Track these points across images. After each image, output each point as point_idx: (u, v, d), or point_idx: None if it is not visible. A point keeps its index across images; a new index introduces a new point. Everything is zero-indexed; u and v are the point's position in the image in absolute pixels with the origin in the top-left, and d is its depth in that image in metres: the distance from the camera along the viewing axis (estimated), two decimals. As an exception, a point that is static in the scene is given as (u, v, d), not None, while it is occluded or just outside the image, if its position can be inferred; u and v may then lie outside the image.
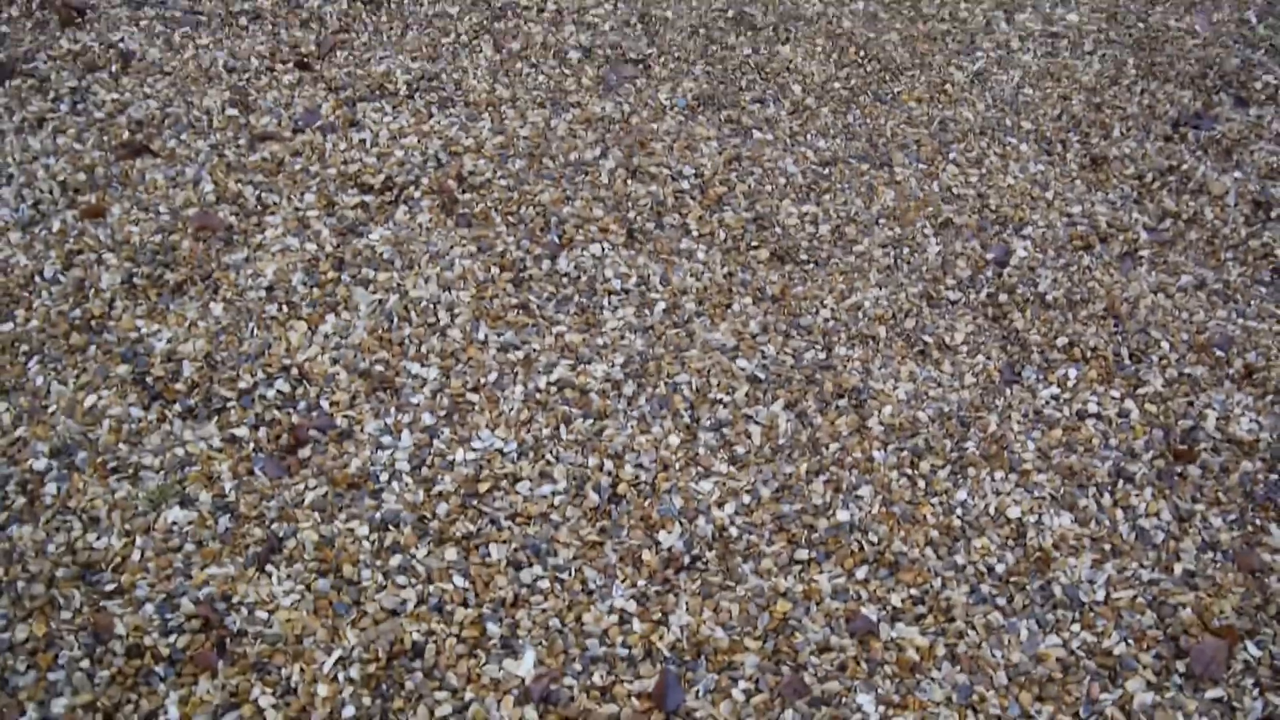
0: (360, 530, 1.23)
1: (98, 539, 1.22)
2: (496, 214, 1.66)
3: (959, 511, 1.31)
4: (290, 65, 1.92)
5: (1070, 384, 1.51)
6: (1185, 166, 1.82)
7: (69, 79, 1.90)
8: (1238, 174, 1.83)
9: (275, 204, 1.68)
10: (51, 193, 1.70)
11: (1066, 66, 2.00)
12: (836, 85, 1.93)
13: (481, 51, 1.95)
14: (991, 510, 1.32)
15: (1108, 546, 1.29)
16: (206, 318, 1.49)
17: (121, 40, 1.98)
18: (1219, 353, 1.56)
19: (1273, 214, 1.76)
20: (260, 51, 1.94)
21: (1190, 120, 1.91)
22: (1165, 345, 1.56)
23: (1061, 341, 1.56)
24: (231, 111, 1.83)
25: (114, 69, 1.93)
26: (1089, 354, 1.55)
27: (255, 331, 1.47)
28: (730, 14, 2.05)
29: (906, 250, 1.67)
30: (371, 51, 1.96)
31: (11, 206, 1.68)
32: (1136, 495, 1.35)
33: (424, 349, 1.46)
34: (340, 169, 1.73)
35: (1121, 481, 1.37)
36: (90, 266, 1.57)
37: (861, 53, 1.99)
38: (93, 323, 1.49)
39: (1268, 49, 2.07)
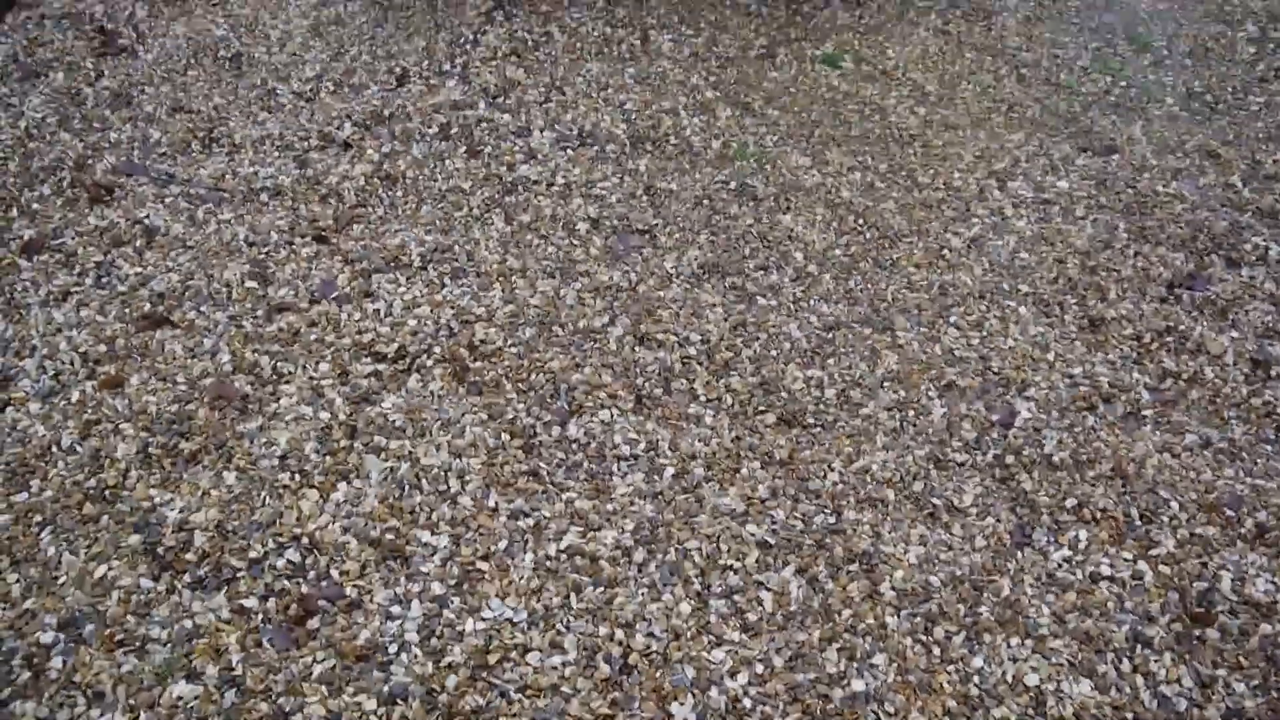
0: (368, 705, 1.21)
1: (101, 715, 1.20)
2: (507, 381, 1.69)
3: (976, 679, 1.29)
4: (309, 238, 1.99)
5: (1082, 546, 1.50)
6: (1182, 327, 1.86)
7: (95, 254, 1.97)
8: (1234, 333, 1.86)
9: (290, 373, 1.71)
10: (72, 364, 1.74)
11: (1060, 232, 2.06)
12: (837, 252, 1.99)
13: (493, 224, 2.02)
14: (1009, 678, 1.29)
15: (1130, 715, 1.26)
16: (219, 486, 1.51)
17: (147, 216, 2.05)
18: (1229, 512, 1.56)
19: (1272, 372, 1.79)
20: (280, 226, 2.01)
21: (1184, 282, 1.96)
22: (1175, 505, 1.56)
23: (1070, 503, 1.56)
24: (250, 284, 1.89)
25: (139, 244, 1.99)
26: (1099, 515, 1.54)
27: (267, 500, 1.48)
28: (732, 185, 2.13)
29: (912, 413, 1.69)
30: (387, 225, 2.03)
31: (33, 378, 1.72)
32: (1156, 660, 1.33)
33: (434, 517, 1.47)
34: (354, 338, 1.77)
35: (1140, 646, 1.35)
36: (107, 436, 1.59)
37: (860, 221, 2.06)
38: (107, 492, 1.51)
39: (1254, 212, 2.13)
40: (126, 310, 1.84)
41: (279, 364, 1.73)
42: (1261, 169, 2.24)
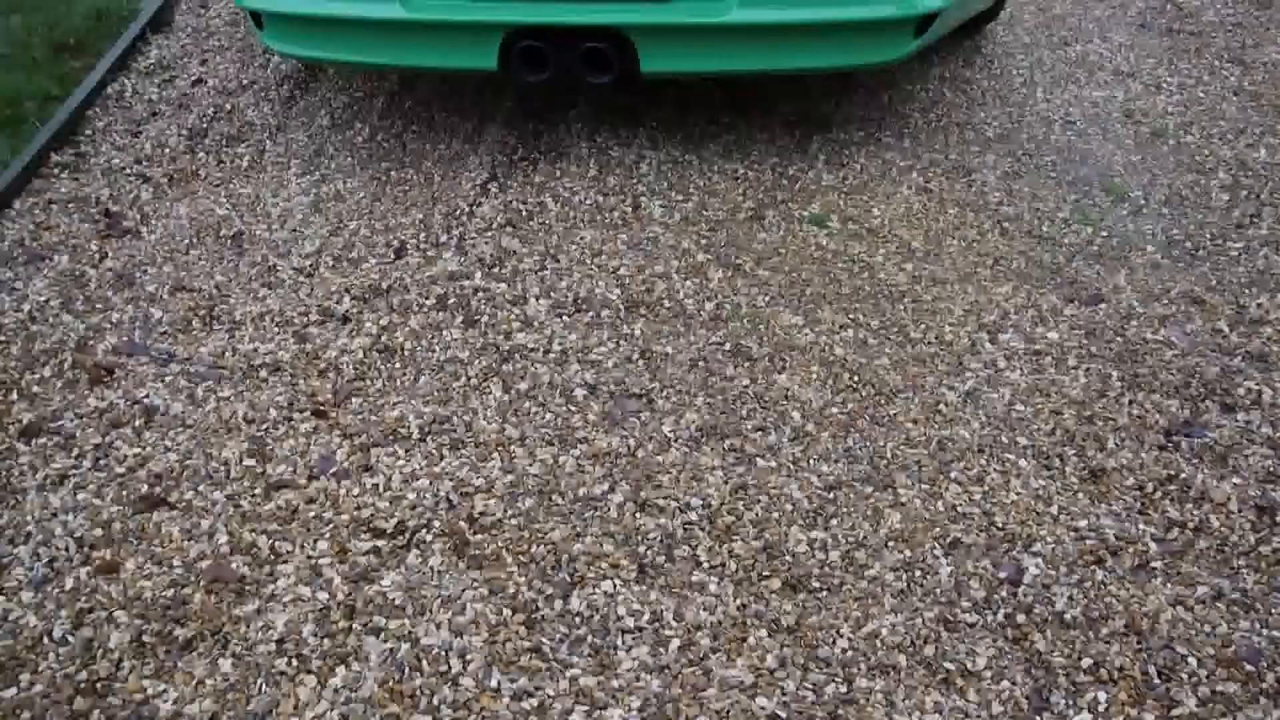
0: None
1: None
2: (508, 554, 1.67)
3: None
4: (307, 413, 2.00)
5: (1102, 708, 1.46)
6: (1184, 475, 1.85)
7: (93, 435, 1.97)
8: (1236, 480, 1.85)
9: (288, 552, 1.69)
10: (67, 549, 1.72)
11: (1054, 383, 2.08)
12: (834, 410, 2.00)
13: (491, 393, 2.03)
14: None
15: None
16: (215, 675, 1.47)
17: (146, 396, 2.06)
18: (1249, 667, 1.52)
19: (1278, 519, 1.77)
20: (279, 402, 2.02)
21: (1181, 429, 1.96)
22: (1193, 662, 1.53)
23: (1086, 662, 1.52)
24: (249, 461, 1.88)
25: (137, 424, 2.00)
26: (1116, 675, 1.51)
27: (264, 688, 1.45)
28: (727, 347, 2.15)
29: (918, 573, 1.66)
30: (385, 397, 2.04)
31: (26, 565, 1.70)
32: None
33: (435, 700, 1.43)
34: (353, 514, 1.75)
35: (1171, 818, 1.30)
36: (100, 625, 1.56)
37: (855, 378, 2.07)
38: (98, 685, 1.47)
39: (1244, 356, 2.15)
40: (124, 492, 1.83)
41: (277, 543, 1.71)
42: (1247, 313, 2.27)
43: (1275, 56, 3.40)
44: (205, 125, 3.10)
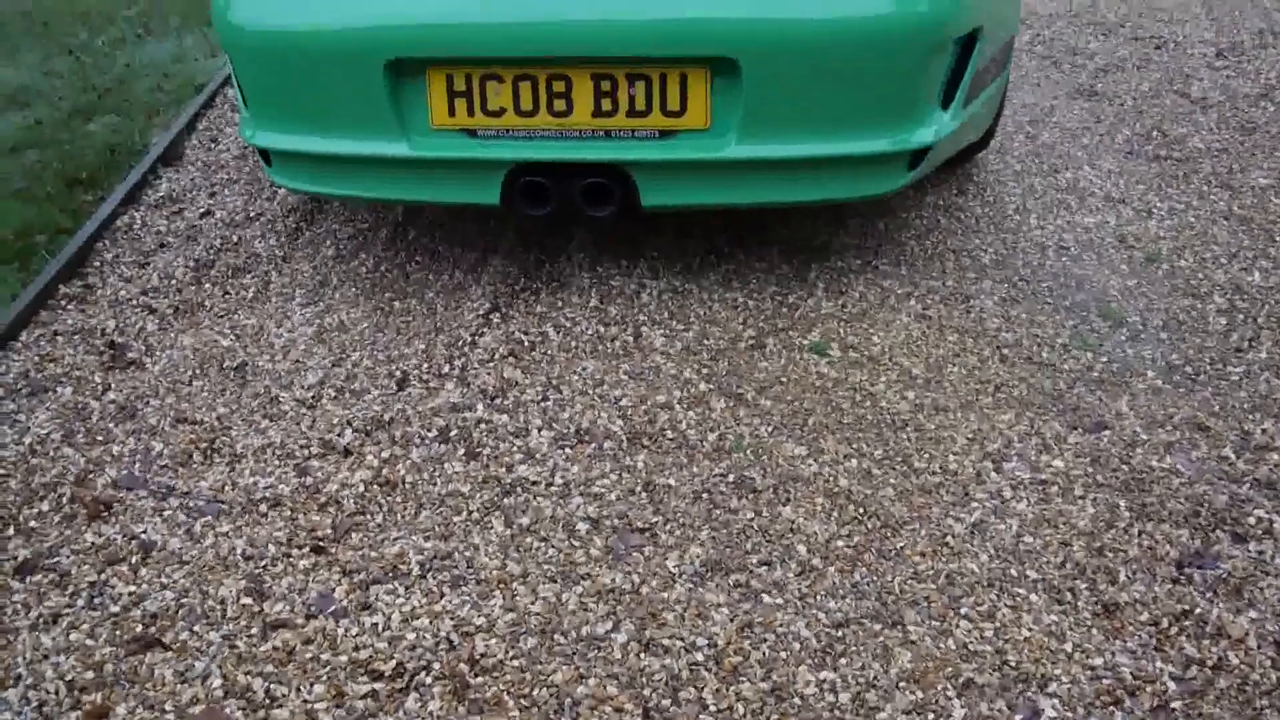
0: None
1: None
2: (509, 697, 1.63)
3: None
4: (306, 550, 1.97)
5: None
6: (1199, 609, 1.82)
7: (89, 573, 1.94)
8: (1253, 614, 1.82)
9: (284, 696, 1.65)
10: (57, 693, 1.68)
11: (1061, 513, 2.06)
12: (840, 543, 1.97)
13: (493, 528, 2.01)
14: None
15: None
16: (204, 832, 1.42)
17: (144, 531, 2.04)
18: (1279, 815, 1.46)
19: (1298, 654, 1.73)
20: (278, 538, 2.00)
21: (1192, 560, 1.94)
22: (1220, 810, 1.47)
23: (1109, 812, 1.47)
24: (246, 600, 1.85)
25: (134, 560, 1.97)
26: (1141, 825, 1.45)
27: (255, 847, 1.39)
28: (731, 479, 2.14)
29: (931, 715, 1.62)
30: (386, 532, 2.01)
31: (15, 710, 1.65)
32: None
33: None
34: (351, 655, 1.72)
35: None
36: (88, 778, 1.51)
37: (861, 510, 2.05)
38: (83, 844, 1.41)
39: (1252, 483, 2.14)
40: (117, 632, 1.80)
41: (272, 686, 1.67)
42: (1252, 439, 2.27)
43: (1262, 181, 3.47)
44: (212, 257, 3.14)
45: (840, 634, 1.77)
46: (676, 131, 2.45)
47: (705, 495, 2.10)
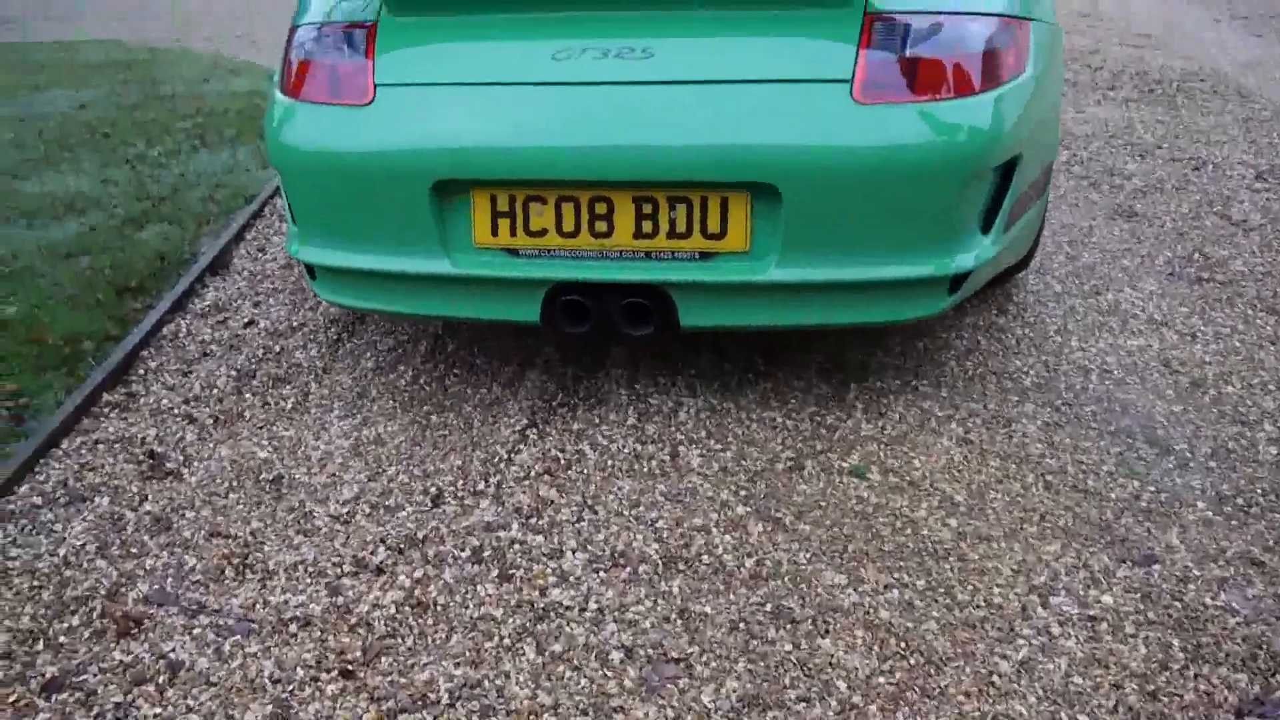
0: None
1: None
2: (537, 841, 1.57)
3: None
4: (335, 674, 1.94)
5: None
6: (1260, 762, 1.73)
7: (115, 693, 1.92)
8: (1318, 768, 1.73)
9: (305, 833, 1.60)
10: (76, 823, 1.64)
11: (1112, 652, 1.98)
12: (881, 680, 1.91)
13: (524, 655, 1.97)
14: None
15: None
16: None
17: (173, 650, 2.02)
18: None
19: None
20: (306, 660, 1.97)
21: (1252, 708, 1.86)
22: None
23: None
24: (271, 727, 1.81)
25: (161, 680, 1.95)
26: None
27: None
28: (768, 608, 2.09)
29: None
30: (416, 657, 1.98)
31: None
32: None
33: None
34: (376, 790, 1.67)
35: None
36: None
37: (903, 644, 2.00)
38: None
39: (1312, 624, 2.06)
40: (140, 759, 1.76)
41: (294, 822, 1.62)
42: (1310, 584, 2.19)
43: (1309, 307, 3.43)
44: (254, 366, 3.17)
45: (883, 780, 1.70)
46: (716, 254, 2.47)
47: (742, 625, 2.05)
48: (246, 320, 3.49)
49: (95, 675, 1.97)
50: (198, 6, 12.42)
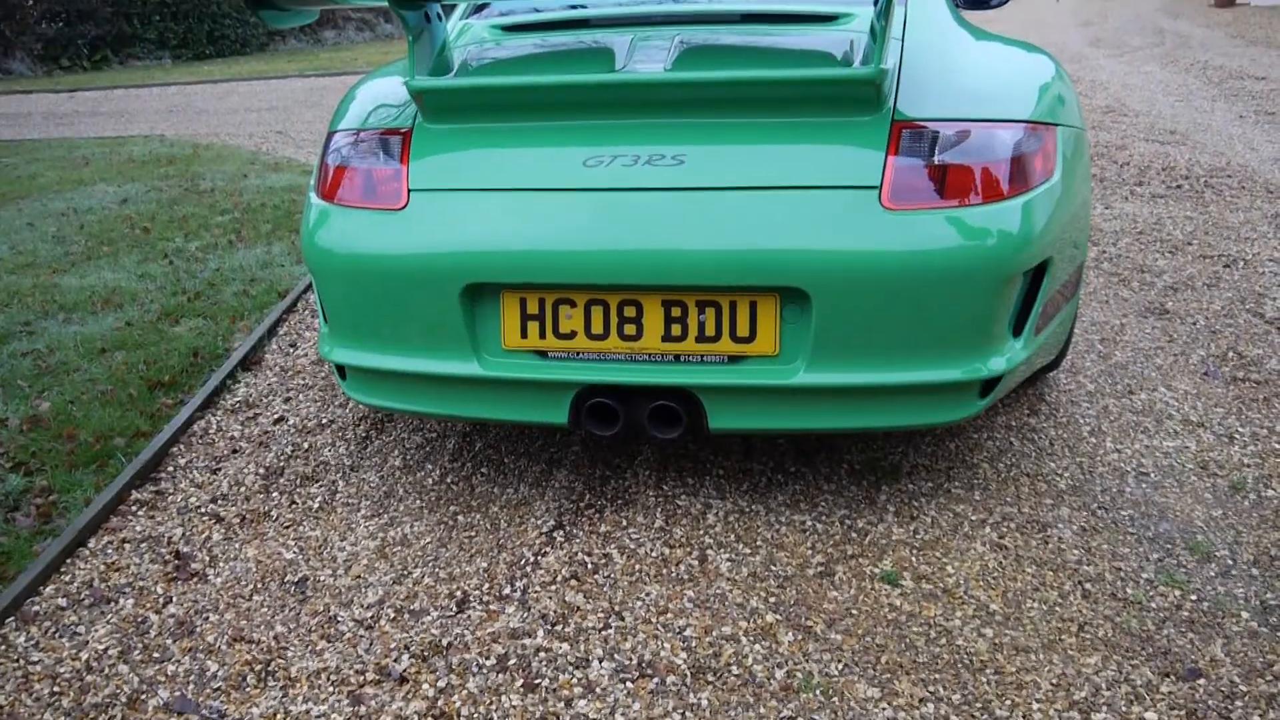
0: None
1: None
2: None
3: None
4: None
5: None
6: None
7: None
8: None
9: None
10: None
11: (1158, 775, 1.91)
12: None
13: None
14: None
15: None
16: None
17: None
18: None
19: None
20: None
21: (1309, 837, 1.77)
22: None
23: None
24: (289, 845, 1.77)
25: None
26: None
27: None
28: (800, 723, 2.03)
29: None
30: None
31: None
32: None
33: None
34: None
35: None
36: None
37: (939, 764, 1.93)
38: None
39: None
40: None
41: None
42: (1363, 695, 2.11)
43: (1348, 408, 3.37)
44: (282, 464, 3.18)
45: None
46: (745, 357, 2.46)
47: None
48: (276, 417, 3.51)
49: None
50: (239, 103, 12.81)
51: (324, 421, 3.46)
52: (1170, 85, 10.47)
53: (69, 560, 2.69)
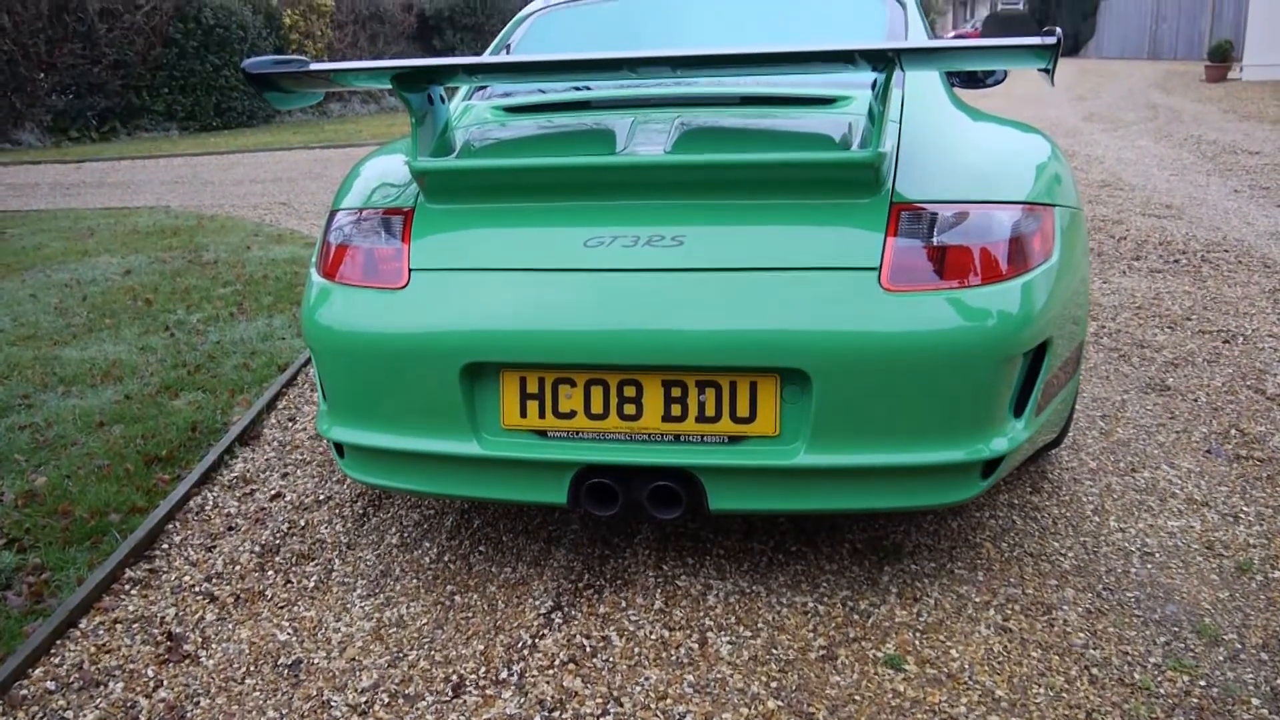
0: None
1: None
2: None
3: None
4: None
5: None
6: None
7: None
8: None
9: None
10: None
11: None
12: None
13: None
14: None
15: None
16: None
17: None
18: None
19: None
20: None
21: None
22: None
23: None
24: None
25: None
26: None
27: None
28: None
29: None
30: None
31: None
32: None
33: None
34: None
35: None
36: None
37: None
38: None
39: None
40: None
41: None
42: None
43: (1353, 486, 3.34)
44: (278, 541, 3.15)
45: None
46: (745, 438, 2.45)
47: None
48: (274, 493, 3.49)
49: None
50: (245, 174, 12.96)
51: (321, 498, 3.43)
52: (1165, 159, 10.60)
53: (59, 641, 2.65)
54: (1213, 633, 2.59)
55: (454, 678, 2.45)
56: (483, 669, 2.48)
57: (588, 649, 2.54)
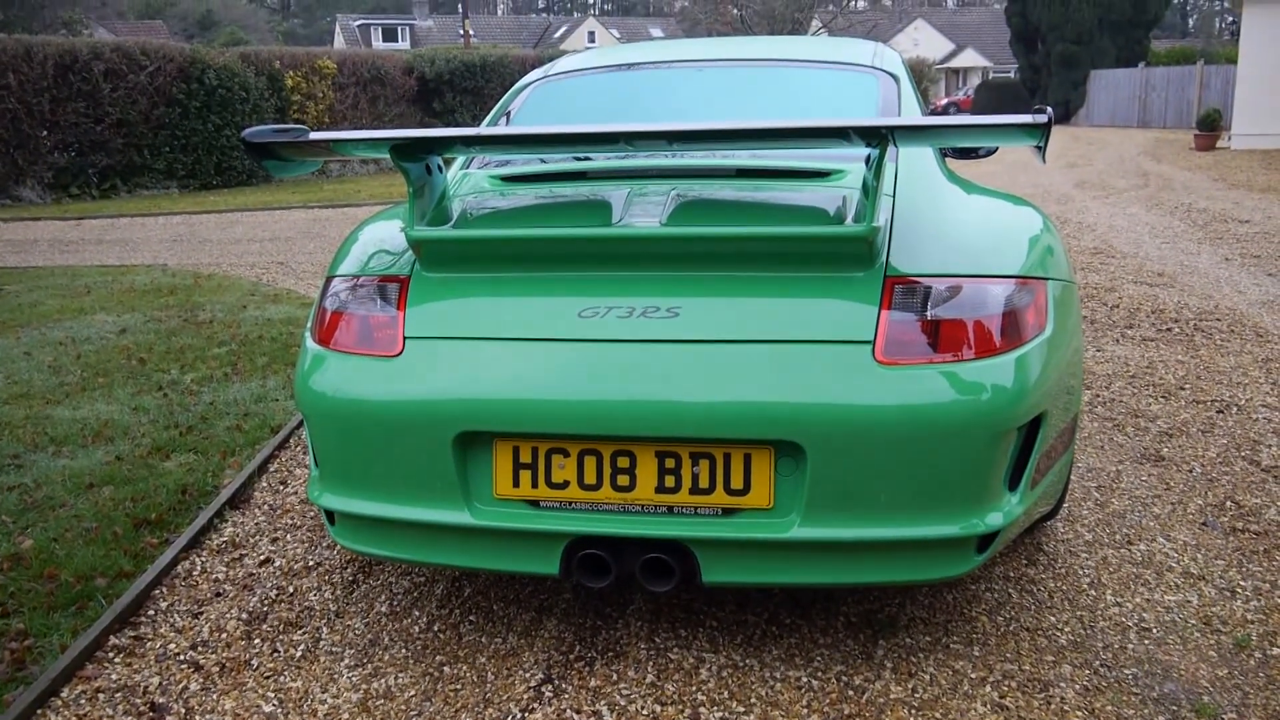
0: None
1: None
2: None
3: None
4: None
5: None
6: None
7: None
8: None
9: None
10: None
11: None
12: None
13: None
14: None
15: None
16: None
17: None
18: None
19: None
20: None
21: None
22: None
23: None
24: None
25: None
26: None
27: None
28: None
29: None
30: None
31: None
32: None
33: None
34: None
35: None
36: None
37: None
38: None
39: None
40: None
41: None
42: None
43: (1350, 561, 3.32)
44: (265, 609, 3.11)
45: None
46: (739, 510, 2.44)
47: None
48: (262, 558, 3.45)
49: None
50: (243, 233, 13.03)
51: (310, 564, 3.40)
52: (1156, 227, 10.70)
53: (39, 710, 2.60)
54: (1212, 712, 2.56)
55: (441, 753, 2.40)
56: (471, 744, 2.43)
57: (578, 724, 2.50)
